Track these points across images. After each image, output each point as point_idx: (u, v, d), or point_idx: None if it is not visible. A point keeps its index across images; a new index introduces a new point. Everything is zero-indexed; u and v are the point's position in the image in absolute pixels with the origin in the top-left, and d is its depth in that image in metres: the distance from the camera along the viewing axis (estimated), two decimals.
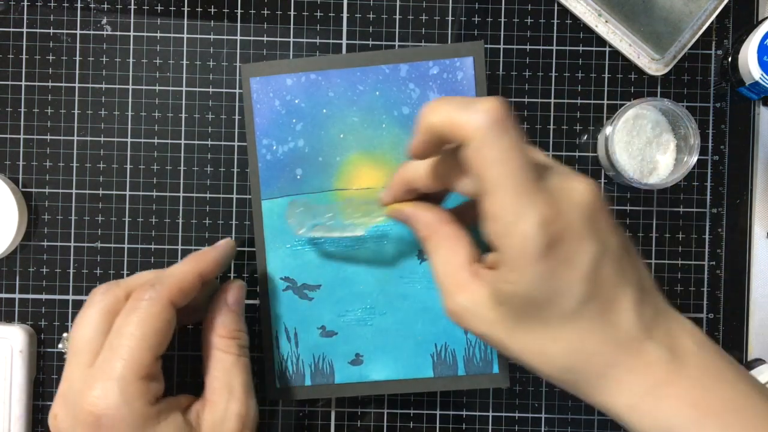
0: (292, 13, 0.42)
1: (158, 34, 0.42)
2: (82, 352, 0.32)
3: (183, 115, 0.42)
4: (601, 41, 0.42)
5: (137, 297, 0.33)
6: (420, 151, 0.30)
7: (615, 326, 0.28)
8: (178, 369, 0.42)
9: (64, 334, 0.35)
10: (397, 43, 0.42)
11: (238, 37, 0.42)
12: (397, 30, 0.42)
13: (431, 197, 0.34)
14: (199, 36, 0.42)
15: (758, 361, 0.41)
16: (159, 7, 0.42)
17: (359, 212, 0.38)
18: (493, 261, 0.29)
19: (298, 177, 0.40)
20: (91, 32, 0.42)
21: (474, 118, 0.26)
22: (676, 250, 0.42)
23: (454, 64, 0.40)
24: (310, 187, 0.40)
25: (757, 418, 0.27)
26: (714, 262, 0.42)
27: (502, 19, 0.42)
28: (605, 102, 0.42)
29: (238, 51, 0.42)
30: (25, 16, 0.41)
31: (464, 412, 0.42)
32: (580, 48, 0.42)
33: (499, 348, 0.30)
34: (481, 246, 0.30)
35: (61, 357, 0.41)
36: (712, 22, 0.41)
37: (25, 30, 0.41)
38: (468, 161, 0.27)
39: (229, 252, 0.37)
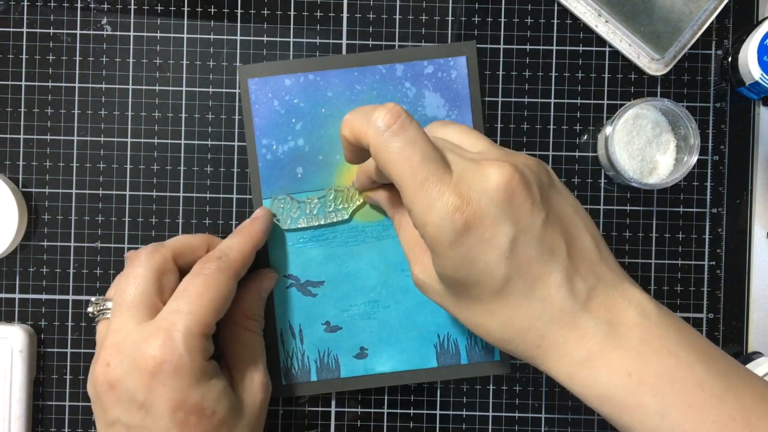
0: (292, 13, 0.42)
1: (158, 34, 0.42)
2: (136, 305, 0.34)
3: (183, 115, 0.42)
4: (601, 41, 0.42)
5: (205, 265, 0.35)
6: (350, 158, 0.33)
7: (545, 301, 0.29)
8: None
9: (92, 298, 0.36)
10: (397, 43, 0.42)
11: (238, 37, 0.42)
12: (396, 30, 0.42)
13: None
14: (199, 36, 0.42)
15: (756, 354, 0.41)
16: (159, 7, 0.42)
17: (340, 198, 0.40)
18: None
19: (299, 176, 0.40)
20: (91, 32, 0.42)
21: (369, 126, 0.28)
22: (676, 250, 0.42)
23: (448, 63, 0.41)
24: (311, 186, 0.41)
25: (693, 387, 0.27)
26: (714, 262, 0.42)
27: (502, 19, 0.42)
28: (605, 102, 0.42)
29: (238, 51, 0.42)
30: (25, 16, 0.41)
31: (464, 412, 0.42)
32: (580, 48, 0.42)
33: (454, 317, 0.32)
34: None
35: (62, 356, 0.42)
36: (712, 22, 0.41)
37: (25, 30, 0.41)
38: (377, 163, 0.29)
39: (270, 221, 0.40)
